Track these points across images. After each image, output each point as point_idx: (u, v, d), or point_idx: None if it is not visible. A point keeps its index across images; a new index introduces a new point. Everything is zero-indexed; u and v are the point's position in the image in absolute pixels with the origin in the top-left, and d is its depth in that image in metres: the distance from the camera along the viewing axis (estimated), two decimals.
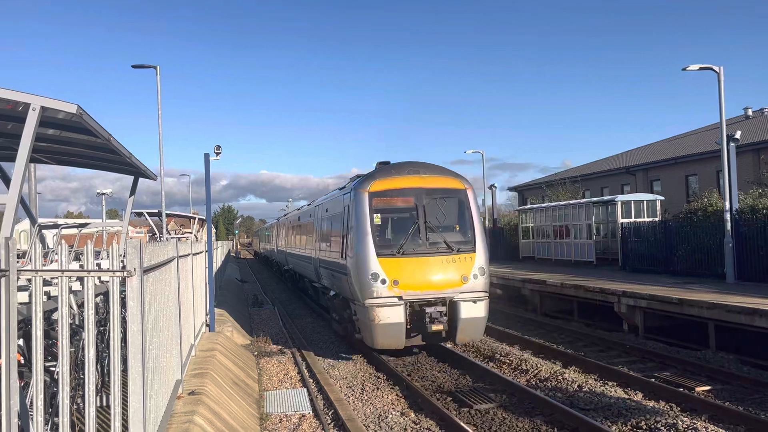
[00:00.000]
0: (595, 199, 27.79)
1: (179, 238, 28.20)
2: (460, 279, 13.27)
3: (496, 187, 35.72)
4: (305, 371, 12.94)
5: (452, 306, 13.25)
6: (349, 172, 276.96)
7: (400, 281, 13.05)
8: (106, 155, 10.06)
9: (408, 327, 13.26)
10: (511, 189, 49.60)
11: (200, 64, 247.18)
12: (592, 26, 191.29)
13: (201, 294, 12.35)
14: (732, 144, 18.72)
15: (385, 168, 14.60)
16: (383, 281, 13.01)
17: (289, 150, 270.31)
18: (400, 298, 13.02)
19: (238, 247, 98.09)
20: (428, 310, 13.08)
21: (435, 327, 13.10)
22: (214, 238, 17.96)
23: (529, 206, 32.70)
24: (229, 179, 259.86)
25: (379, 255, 13.16)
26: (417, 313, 13.26)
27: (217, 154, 16.68)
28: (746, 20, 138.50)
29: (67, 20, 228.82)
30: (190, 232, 37.00)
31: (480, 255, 13.60)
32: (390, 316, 12.90)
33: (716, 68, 18.38)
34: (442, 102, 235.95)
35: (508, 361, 13.20)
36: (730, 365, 12.53)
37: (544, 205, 30.66)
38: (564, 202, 29.33)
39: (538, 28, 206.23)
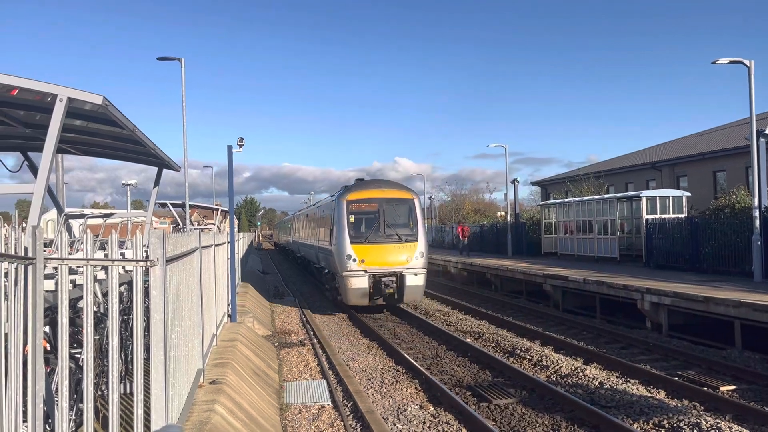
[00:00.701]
0: (619, 194, 27.40)
1: (202, 229, 27.48)
2: (406, 259, 19.04)
3: (518, 182, 35.69)
4: (325, 363, 13.02)
5: (401, 277, 19.05)
6: (370, 166, 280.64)
7: (366, 260, 18.83)
8: (131, 146, 10.10)
9: (371, 291, 19.03)
10: (534, 183, 49.87)
11: (224, 55, 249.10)
12: (619, 20, 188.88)
13: (223, 285, 12.54)
14: (762, 139, 18.27)
15: (358, 183, 21.09)
16: (354, 260, 18.80)
17: (312, 143, 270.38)
18: (365, 271, 18.86)
19: (260, 238, 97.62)
20: (384, 279, 18.95)
21: (388, 291, 18.95)
22: (236, 230, 18.17)
23: (552, 201, 32.39)
24: (252, 171, 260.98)
25: (352, 242, 18.96)
26: (377, 282, 19.07)
27: (240, 146, 16.52)
28: None
29: (93, 10, 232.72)
30: (213, 224, 37.62)
31: (420, 243, 19.30)
32: (358, 283, 18.79)
33: (747, 62, 17.93)
34: (464, 95, 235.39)
35: (528, 356, 13.10)
36: (756, 365, 12.25)
37: (568, 200, 30.27)
38: (588, 197, 28.97)
39: (564, 20, 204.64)
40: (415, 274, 19.36)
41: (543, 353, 13.22)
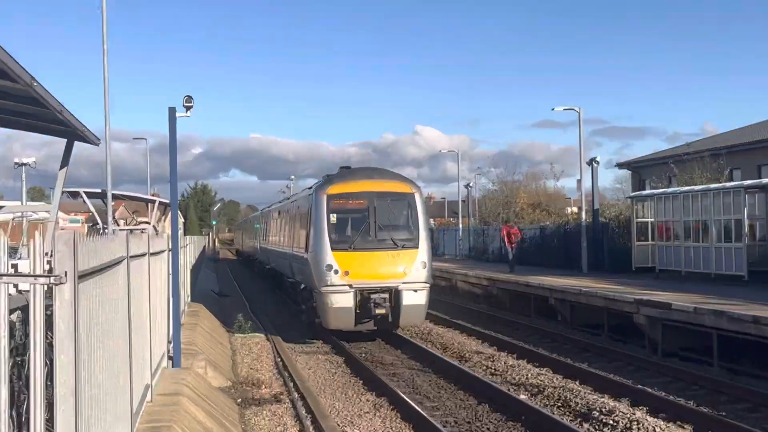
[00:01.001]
0: (748, 182, 26.68)
1: (131, 231, 27.15)
2: (404, 271, 20.68)
3: (597, 163, 34.03)
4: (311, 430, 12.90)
5: (396, 294, 20.66)
6: (379, 139, 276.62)
7: (351, 272, 20.41)
8: (27, 108, 10.08)
9: (358, 312, 20.48)
10: (621, 165, 48.16)
11: None
12: None
13: (162, 312, 12.43)
14: None
15: (343, 173, 22.70)
16: (336, 271, 20.38)
17: (295, 108, 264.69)
18: (350, 286, 20.35)
19: (217, 244, 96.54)
20: (374, 297, 20.43)
21: (378, 311, 20.37)
22: (181, 232, 18.34)
23: (648, 192, 31.84)
24: (206, 146, 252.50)
25: (333, 249, 20.59)
26: (366, 299, 20.52)
27: (188, 108, 15.61)
28: None
29: None
30: (148, 223, 36.63)
31: (422, 251, 21.07)
32: (341, 301, 20.27)
33: None
34: (521, 46, 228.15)
35: (611, 422, 12.94)
36: None
37: (671, 190, 29.70)
38: (701, 187, 28.29)
39: None
40: (415, 291, 21.04)
41: (634, 417, 12.99)
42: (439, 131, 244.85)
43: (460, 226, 55.59)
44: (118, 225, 35.14)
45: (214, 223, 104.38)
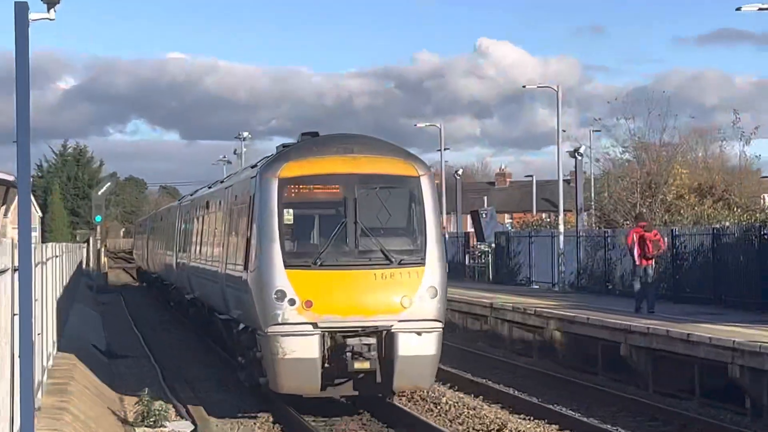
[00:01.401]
0: None
1: None
2: (401, 302, 17.77)
3: None
4: None
5: (388, 339, 17.66)
6: (408, 64, 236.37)
7: (316, 302, 17.59)
8: None
9: (327, 365, 17.59)
10: None
11: None
12: None
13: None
14: None
15: (304, 143, 19.50)
16: (291, 302, 17.52)
17: (250, 7, 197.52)
18: (315, 325, 17.54)
19: (103, 258, 71.87)
20: (352, 342, 17.40)
21: (358, 365, 17.43)
22: (37, 232, 15.12)
23: None
24: (84, 76, 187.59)
25: (288, 266, 17.73)
26: (340, 347, 17.56)
27: (51, 4, 14.72)
28: None
29: None
30: None
31: (433, 269, 18.10)
32: (298, 349, 17.42)
33: None
34: None
35: None
36: None
37: None
38: None
39: None
40: (419, 333, 17.72)
41: None
42: (523, 50, 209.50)
43: (562, 227, 41.05)
44: None
45: (98, 219, 71.59)
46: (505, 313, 31.09)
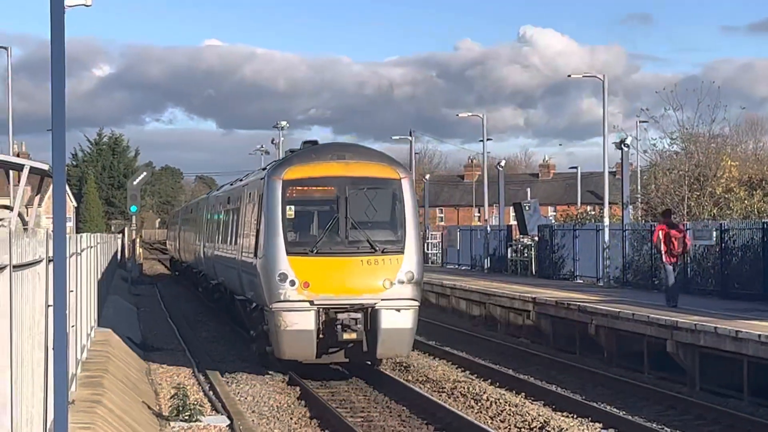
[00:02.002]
0: None
1: None
2: (383, 284, 21.15)
3: None
4: None
5: (373, 315, 21.09)
6: (450, 51, 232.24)
7: (312, 284, 20.99)
8: None
9: (321, 336, 21.03)
10: None
11: None
12: None
13: (31, 377, 10.93)
14: None
15: (304, 151, 23.39)
16: (292, 283, 20.91)
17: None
18: (311, 302, 20.92)
19: (139, 247, 71.07)
20: (342, 317, 20.85)
21: (347, 335, 20.91)
22: (72, 223, 14.71)
23: None
24: (121, 64, 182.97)
25: (290, 253, 21.18)
26: (332, 321, 20.97)
27: None
28: None
29: None
30: (8, 208, 31.36)
31: (410, 257, 21.48)
32: (298, 322, 20.82)
33: None
34: None
35: None
36: None
37: None
38: None
39: None
40: (398, 310, 21.32)
41: None
42: (569, 38, 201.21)
43: (607, 220, 40.54)
44: None
45: (133, 209, 71.81)
46: (548, 308, 30.43)
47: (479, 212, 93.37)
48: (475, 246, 55.21)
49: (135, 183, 73.11)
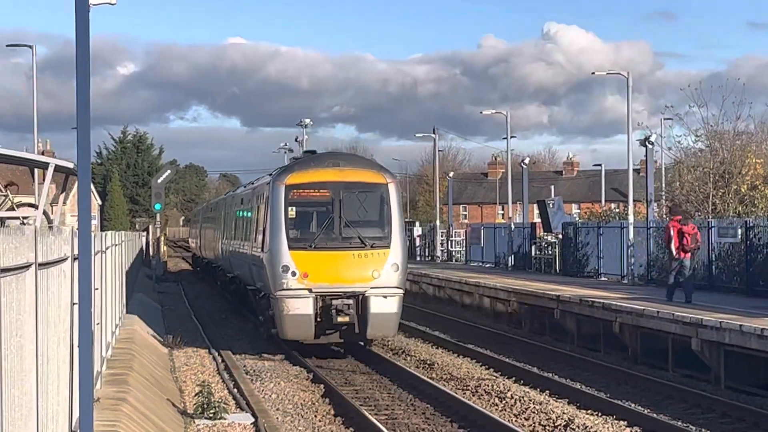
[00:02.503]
0: None
1: (2, 221, 22.94)
2: (372, 274, 24.31)
3: None
4: None
5: (363, 301, 24.26)
6: (473, 49, 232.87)
7: (311, 274, 24.16)
8: None
9: (318, 320, 24.22)
10: None
11: None
12: None
13: (57, 375, 11.11)
14: None
15: (304, 159, 27.45)
16: (293, 273, 24.10)
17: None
18: (310, 290, 24.14)
19: (163, 245, 70.48)
20: (336, 303, 24.00)
21: (341, 319, 24.15)
22: (96, 221, 14.55)
23: None
24: (145, 62, 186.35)
25: (291, 248, 24.40)
26: (327, 306, 24.06)
27: None
28: None
29: None
30: (34, 206, 30.56)
31: (396, 251, 24.74)
32: (299, 307, 24.06)
33: None
34: None
35: None
36: None
37: None
38: None
39: None
40: (385, 297, 24.65)
41: None
42: (593, 35, 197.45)
43: (631, 218, 39.61)
44: None
45: (158, 207, 70.19)
46: (572, 305, 30.27)
47: (503, 210, 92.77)
48: (499, 243, 54.80)
49: (159, 181, 73.27)
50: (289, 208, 24.98)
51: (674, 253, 27.68)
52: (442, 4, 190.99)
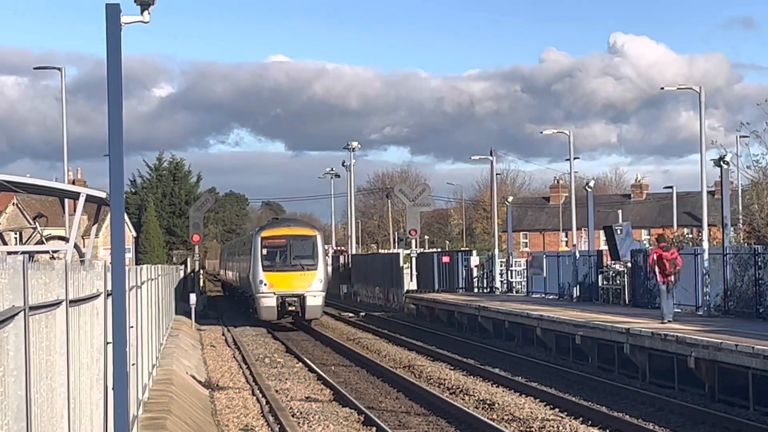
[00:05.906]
0: None
1: (31, 256, 21.73)
2: (307, 284, 53.10)
3: None
4: None
5: (303, 298, 53.12)
6: (534, 63, 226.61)
7: (275, 285, 52.57)
8: None
9: (279, 309, 52.71)
10: None
11: None
12: None
13: (90, 420, 11.04)
14: None
15: (272, 222, 67.67)
16: (265, 284, 52.55)
17: (357, 11, 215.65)
18: (274, 293, 52.69)
19: (202, 277, 75.07)
20: (288, 299, 53.27)
21: (291, 308, 53.12)
22: (131, 254, 14.53)
23: None
24: (182, 83, 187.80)
25: (264, 270, 53.00)
26: (284, 302, 53.08)
27: (145, 6, 13.82)
28: None
29: None
30: (65, 239, 31.08)
31: (320, 272, 53.63)
32: (268, 302, 52.96)
33: None
34: None
35: None
36: None
37: None
38: None
39: None
40: (314, 296, 51.22)
41: None
42: (665, 46, 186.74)
43: (706, 244, 39.07)
44: (4, 242, 30.52)
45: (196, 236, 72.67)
46: (642, 339, 30.10)
47: (566, 236, 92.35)
48: (563, 273, 54.31)
49: (196, 211, 74.28)
50: (263, 249, 50.96)
51: (657, 277, 32.38)
52: (500, 15, 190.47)
